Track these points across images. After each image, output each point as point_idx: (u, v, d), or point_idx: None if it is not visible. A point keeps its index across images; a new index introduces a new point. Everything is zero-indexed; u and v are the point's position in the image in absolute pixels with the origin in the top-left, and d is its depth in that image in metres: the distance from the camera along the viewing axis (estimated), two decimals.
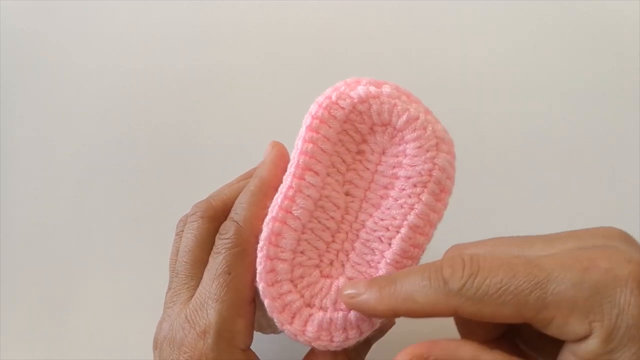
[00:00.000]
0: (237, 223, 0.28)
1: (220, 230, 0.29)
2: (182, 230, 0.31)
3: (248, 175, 0.32)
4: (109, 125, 0.46)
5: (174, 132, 0.45)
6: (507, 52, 0.45)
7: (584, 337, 0.20)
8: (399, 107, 0.27)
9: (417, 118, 0.27)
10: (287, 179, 0.27)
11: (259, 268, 0.27)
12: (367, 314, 0.26)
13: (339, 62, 0.45)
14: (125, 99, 0.46)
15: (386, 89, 0.28)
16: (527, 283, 0.20)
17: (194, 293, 0.28)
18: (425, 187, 0.27)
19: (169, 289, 0.30)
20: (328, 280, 0.27)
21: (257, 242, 0.27)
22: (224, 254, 0.27)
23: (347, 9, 0.46)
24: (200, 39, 0.47)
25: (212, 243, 0.29)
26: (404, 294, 0.23)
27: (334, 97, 0.28)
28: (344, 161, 0.28)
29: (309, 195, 0.27)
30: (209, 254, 0.29)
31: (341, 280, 0.27)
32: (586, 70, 0.44)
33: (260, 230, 0.27)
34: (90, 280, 0.43)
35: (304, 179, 0.27)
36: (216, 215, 0.30)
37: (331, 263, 0.28)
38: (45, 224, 0.44)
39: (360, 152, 0.28)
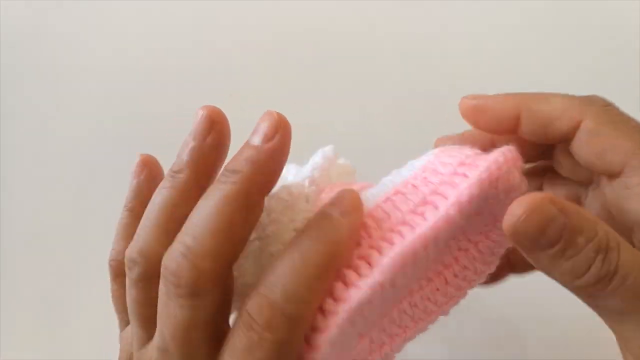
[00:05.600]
0: (291, 321, 0.18)
1: (255, 316, 0.18)
2: (138, 278, 0.20)
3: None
4: (109, 125, 0.46)
5: (175, 131, 0.45)
6: (507, 52, 0.45)
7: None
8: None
9: None
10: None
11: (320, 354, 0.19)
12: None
13: (340, 62, 0.45)
14: (125, 98, 0.46)
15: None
16: None
17: None
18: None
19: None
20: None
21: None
22: None
23: (348, 8, 0.46)
24: (201, 38, 0.47)
25: (214, 322, 0.20)
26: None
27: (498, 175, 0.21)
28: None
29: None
30: (213, 335, 0.20)
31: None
32: (586, 70, 0.44)
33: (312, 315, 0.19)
34: (90, 280, 0.43)
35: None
36: (214, 284, 0.19)
37: None
38: (45, 224, 0.44)
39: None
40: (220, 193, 0.19)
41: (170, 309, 0.19)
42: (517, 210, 0.19)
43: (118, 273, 0.26)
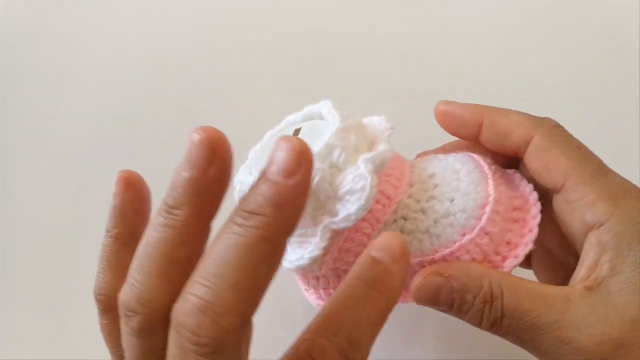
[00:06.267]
0: None
1: (318, 357, 0.18)
2: (141, 328, 0.19)
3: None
4: (109, 125, 0.46)
5: (175, 130, 0.45)
6: (507, 52, 0.45)
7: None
8: None
9: None
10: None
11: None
12: None
13: (340, 62, 0.45)
14: (126, 98, 0.46)
15: None
16: None
17: None
18: None
19: None
20: None
21: None
22: None
23: (348, 8, 0.46)
24: (201, 38, 0.47)
25: None
26: None
27: None
28: None
29: None
30: None
31: None
32: (586, 70, 0.44)
33: None
34: (90, 280, 0.43)
35: None
36: (237, 339, 0.18)
37: None
38: (45, 224, 0.44)
39: None
40: (240, 240, 0.17)
41: None
42: (414, 284, 0.24)
43: (108, 308, 0.24)
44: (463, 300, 0.23)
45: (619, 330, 0.21)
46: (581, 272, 0.23)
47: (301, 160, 0.17)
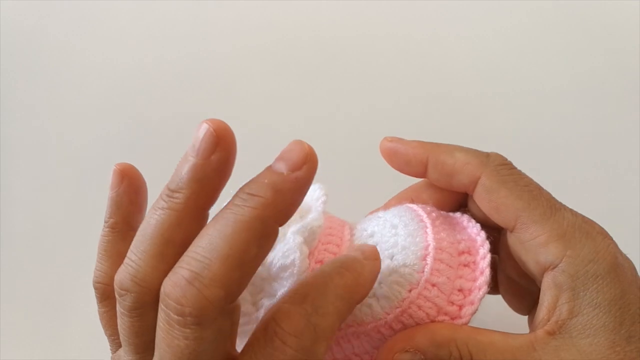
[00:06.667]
0: (316, 331, 0.19)
1: (281, 322, 0.19)
2: (132, 307, 0.19)
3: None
4: (109, 124, 0.46)
5: (176, 130, 0.45)
6: (508, 54, 0.45)
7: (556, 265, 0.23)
8: None
9: None
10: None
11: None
12: None
13: (339, 61, 0.45)
14: (126, 98, 0.46)
15: None
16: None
17: None
18: None
19: None
20: None
21: None
22: None
23: (348, 11, 0.46)
24: (202, 37, 0.47)
25: (221, 351, 0.19)
26: None
27: None
28: None
29: None
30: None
31: None
32: (586, 70, 0.44)
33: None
34: (90, 280, 0.43)
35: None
36: (221, 313, 0.18)
37: None
38: (45, 224, 0.44)
39: None
40: (236, 217, 0.18)
41: (172, 339, 0.18)
42: (385, 358, 0.23)
43: (105, 295, 0.24)
44: None
45: None
46: (541, 313, 0.23)
47: (307, 159, 0.19)
